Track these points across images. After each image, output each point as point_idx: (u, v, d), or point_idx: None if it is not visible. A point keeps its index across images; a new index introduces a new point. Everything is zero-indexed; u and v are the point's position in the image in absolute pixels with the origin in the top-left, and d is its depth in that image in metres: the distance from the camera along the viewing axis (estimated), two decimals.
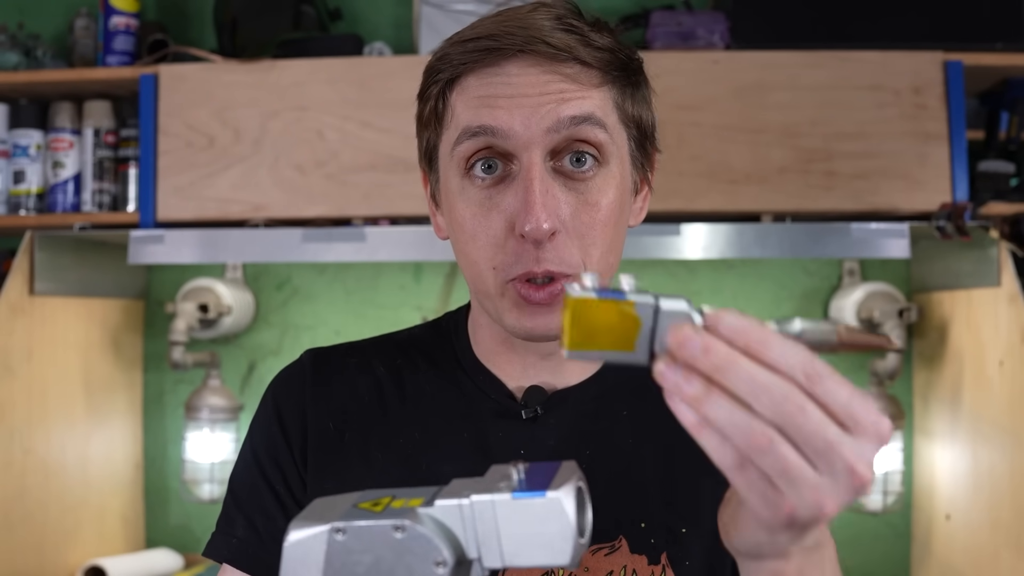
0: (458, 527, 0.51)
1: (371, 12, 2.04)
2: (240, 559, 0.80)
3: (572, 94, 0.72)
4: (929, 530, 1.84)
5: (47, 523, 1.72)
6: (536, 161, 0.71)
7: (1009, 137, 1.78)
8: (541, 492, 0.50)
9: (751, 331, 0.48)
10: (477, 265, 0.74)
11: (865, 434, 0.47)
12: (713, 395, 0.47)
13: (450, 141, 0.75)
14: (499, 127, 0.71)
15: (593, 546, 0.77)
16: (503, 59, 0.72)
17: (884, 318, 1.79)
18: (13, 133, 1.84)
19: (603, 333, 0.51)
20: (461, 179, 0.74)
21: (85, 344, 1.87)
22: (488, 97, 0.72)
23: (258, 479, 0.81)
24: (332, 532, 0.50)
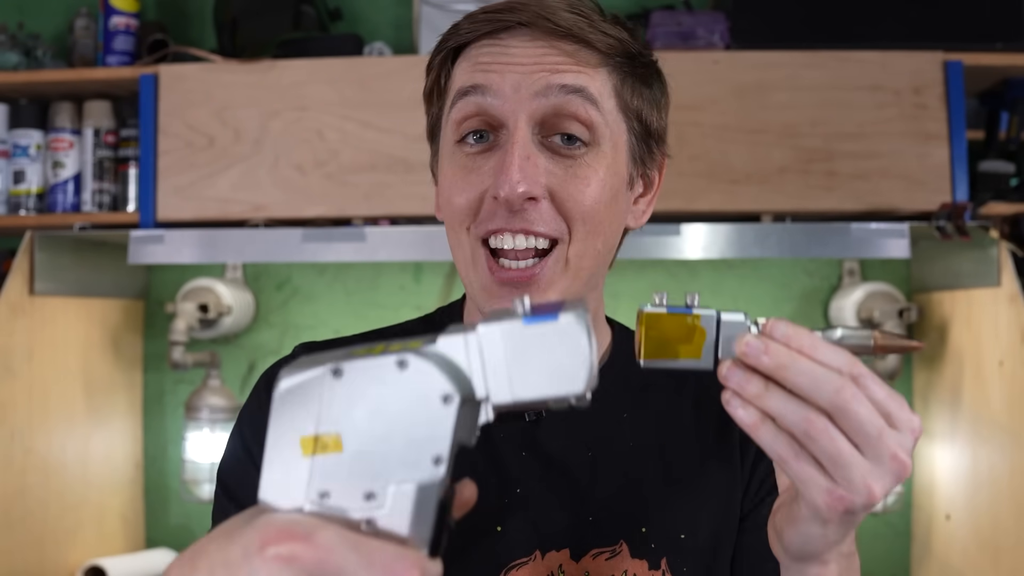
0: (464, 362, 0.48)
1: (371, 12, 2.04)
2: None
3: (567, 67, 0.72)
4: (929, 530, 1.84)
5: (47, 523, 1.72)
6: (521, 127, 0.71)
7: (1009, 137, 1.78)
8: (553, 316, 0.48)
9: (802, 336, 0.54)
10: (455, 230, 0.75)
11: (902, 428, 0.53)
12: (772, 389, 0.53)
13: (448, 107, 0.76)
14: (489, 86, 0.71)
15: (594, 550, 0.77)
16: (505, 31, 0.73)
17: (884, 318, 1.79)
18: (13, 133, 1.84)
19: (673, 344, 0.58)
20: (453, 145, 0.75)
21: (85, 344, 1.87)
22: (484, 63, 0.73)
23: (250, 468, 0.78)
24: (329, 373, 0.46)
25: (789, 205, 1.63)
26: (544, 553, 0.76)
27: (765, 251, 1.62)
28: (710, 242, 1.62)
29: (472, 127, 0.73)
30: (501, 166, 0.70)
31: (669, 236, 1.61)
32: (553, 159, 0.72)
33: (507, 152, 0.70)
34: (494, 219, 0.71)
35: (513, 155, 0.70)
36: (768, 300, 1.98)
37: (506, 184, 0.69)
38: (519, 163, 0.69)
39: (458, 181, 0.74)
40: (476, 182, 0.73)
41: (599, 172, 0.73)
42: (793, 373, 0.52)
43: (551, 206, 0.71)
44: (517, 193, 0.69)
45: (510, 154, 0.70)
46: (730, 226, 1.62)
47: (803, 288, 1.98)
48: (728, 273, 1.99)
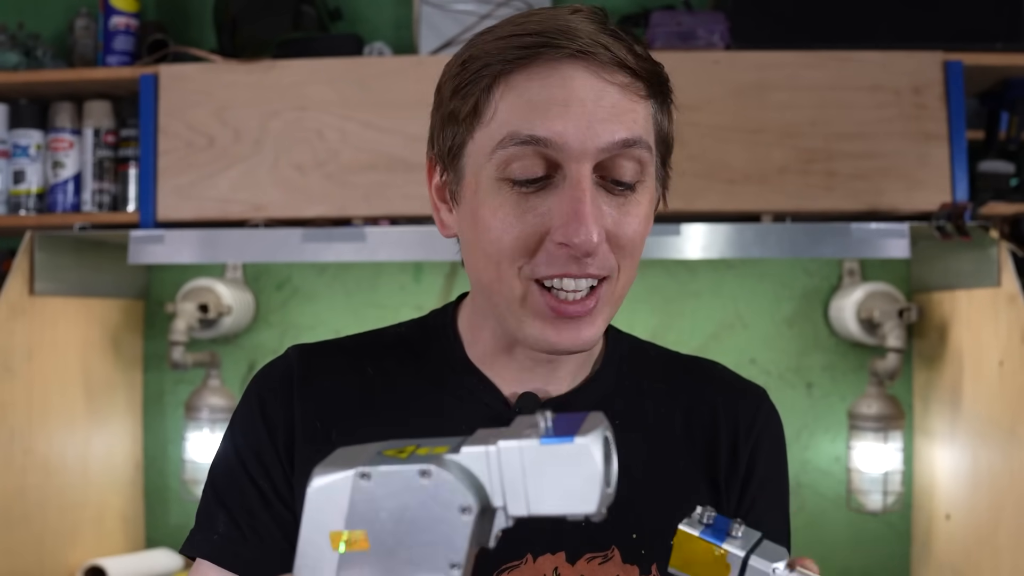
0: (484, 474, 0.50)
1: (371, 12, 2.04)
2: (221, 556, 0.78)
3: (624, 109, 0.70)
4: (929, 530, 1.84)
5: (47, 523, 1.72)
6: (586, 173, 0.69)
7: (1009, 137, 1.78)
8: (569, 438, 0.49)
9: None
10: (499, 266, 0.71)
11: None
12: None
13: (490, 142, 0.71)
14: (552, 139, 0.68)
15: (587, 555, 0.77)
16: (557, 61, 0.69)
17: (884, 318, 1.79)
18: (13, 133, 1.84)
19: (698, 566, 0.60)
20: (497, 180, 0.71)
21: (85, 344, 1.87)
22: (541, 102, 0.69)
23: (240, 475, 0.79)
24: (358, 477, 0.49)
25: (789, 205, 1.63)
26: (536, 557, 0.76)
27: (765, 251, 1.62)
28: (710, 242, 1.62)
29: (527, 169, 0.70)
30: (573, 213, 0.68)
31: (669, 236, 1.61)
32: (608, 199, 0.71)
33: (578, 199, 0.68)
34: (556, 263, 0.70)
35: (585, 203, 0.68)
36: (768, 300, 1.98)
37: (582, 233, 0.67)
38: (592, 211, 0.68)
39: (511, 220, 0.70)
40: (532, 223, 0.70)
41: (644, 206, 0.74)
42: None
43: (606, 247, 0.71)
44: (593, 244, 0.68)
45: (582, 202, 0.68)
46: (730, 226, 1.62)
47: (803, 288, 1.98)
48: (728, 273, 1.99)
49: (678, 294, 1.99)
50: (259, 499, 0.78)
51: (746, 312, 1.99)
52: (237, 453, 0.80)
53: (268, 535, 0.77)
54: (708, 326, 1.98)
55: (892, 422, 1.79)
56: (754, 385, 0.88)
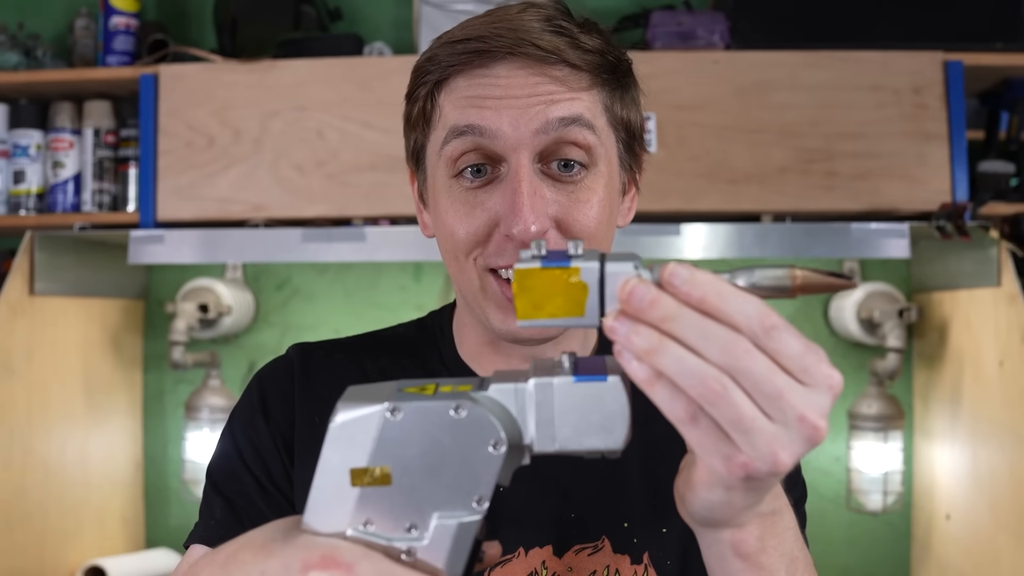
0: (515, 410, 0.50)
1: (371, 12, 2.04)
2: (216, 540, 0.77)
3: (561, 96, 0.72)
4: (929, 530, 1.84)
5: (47, 523, 1.72)
6: (524, 163, 0.71)
7: (1009, 137, 1.78)
8: (603, 376, 0.50)
9: (706, 284, 0.48)
10: (458, 260, 0.75)
11: (817, 385, 0.47)
12: (665, 344, 0.47)
13: (438, 141, 0.75)
14: (487, 127, 0.71)
15: (576, 546, 0.77)
16: (492, 61, 0.72)
17: (884, 318, 1.79)
18: (13, 133, 1.84)
19: (551, 300, 0.51)
20: (448, 179, 0.74)
21: (85, 344, 1.87)
22: (476, 98, 0.72)
23: (238, 466, 0.80)
24: (387, 412, 0.49)
25: (789, 205, 1.63)
26: (528, 550, 0.77)
27: (765, 251, 1.62)
28: (710, 242, 1.62)
29: (470, 162, 0.73)
30: (511, 205, 0.70)
31: (669, 236, 1.61)
32: (555, 187, 0.73)
33: (515, 190, 0.70)
34: (504, 254, 0.72)
35: (522, 193, 0.70)
36: (768, 300, 1.98)
37: (519, 223, 0.69)
38: (529, 201, 0.69)
39: (461, 216, 0.73)
40: (480, 216, 0.73)
41: (599, 192, 0.74)
42: (682, 327, 0.47)
43: (557, 234, 0.72)
44: (531, 233, 0.69)
45: (519, 192, 0.70)
46: (730, 226, 1.62)
47: None
48: None
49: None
50: (256, 488, 0.79)
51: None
52: (235, 445, 0.81)
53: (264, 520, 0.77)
54: None
55: (892, 422, 1.79)
56: None
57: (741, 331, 0.47)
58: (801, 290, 0.51)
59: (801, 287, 0.51)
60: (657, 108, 1.64)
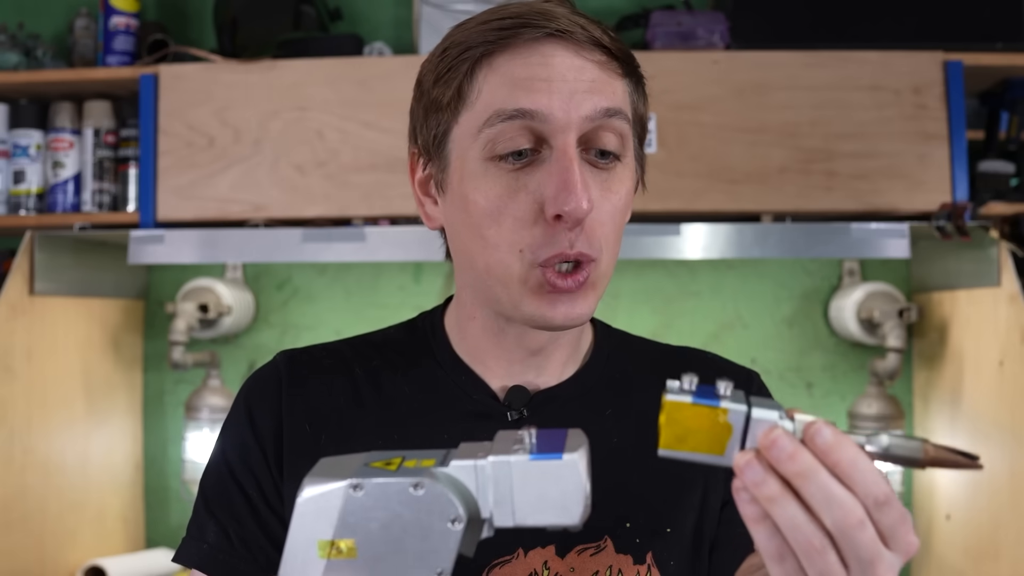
0: (473, 486, 0.52)
1: (371, 12, 2.04)
2: (210, 565, 0.78)
3: (604, 84, 0.72)
4: (929, 530, 1.84)
5: (47, 523, 1.72)
6: (571, 143, 0.70)
7: (1009, 137, 1.78)
8: (558, 455, 0.52)
9: (843, 448, 0.50)
10: (499, 249, 0.72)
11: (899, 550, 0.51)
12: (785, 497, 0.50)
13: (474, 123, 0.72)
14: (538, 110, 0.70)
15: (578, 546, 0.77)
16: (536, 41, 0.71)
17: (884, 318, 1.79)
18: (13, 133, 1.84)
19: (695, 436, 0.52)
20: (484, 161, 0.72)
21: (85, 344, 1.87)
22: (526, 79, 0.70)
23: (229, 483, 0.80)
24: (349, 488, 0.51)
25: (789, 205, 1.63)
26: (527, 551, 0.76)
27: (765, 251, 1.62)
28: (710, 242, 1.62)
29: (516, 146, 0.71)
30: (562, 183, 0.69)
31: (669, 236, 1.61)
32: (592, 174, 0.72)
33: (567, 168, 0.69)
34: (553, 243, 0.70)
35: (574, 171, 0.69)
36: (768, 300, 1.99)
37: (572, 200, 0.68)
38: (581, 179, 0.69)
39: (505, 200, 0.71)
40: (525, 200, 0.71)
41: (626, 184, 0.74)
42: (811, 487, 0.50)
43: (594, 224, 0.72)
44: (583, 210, 0.68)
45: (571, 172, 0.69)
46: (730, 226, 1.62)
47: (803, 288, 1.99)
48: (728, 273, 1.99)
49: (678, 294, 1.99)
50: (247, 507, 0.79)
51: (746, 312, 1.99)
52: (226, 461, 0.80)
53: (255, 544, 0.78)
54: (708, 326, 1.98)
55: (892, 422, 1.79)
56: (744, 369, 0.89)
57: (859, 499, 0.50)
58: (931, 464, 0.53)
59: (931, 462, 0.53)
60: (657, 108, 1.64)
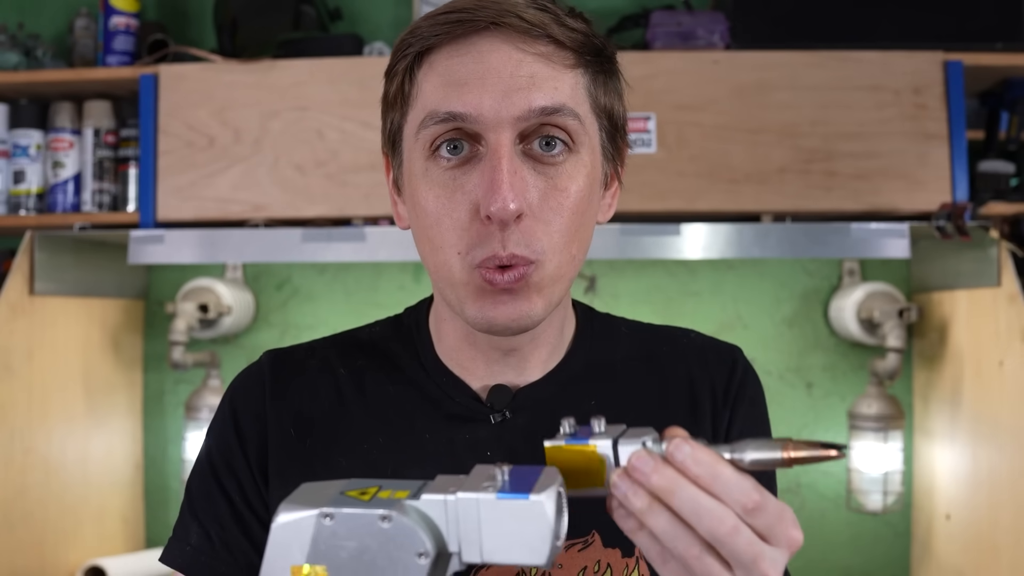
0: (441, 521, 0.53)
1: (371, 12, 2.04)
2: (193, 567, 0.79)
3: (544, 78, 0.69)
4: (929, 530, 1.84)
5: (47, 523, 1.72)
6: (504, 142, 0.68)
7: (1009, 137, 1.78)
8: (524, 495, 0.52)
9: (702, 463, 0.54)
10: (442, 251, 0.71)
11: (780, 545, 0.54)
12: (655, 509, 0.54)
13: (415, 122, 0.72)
14: (468, 113, 0.68)
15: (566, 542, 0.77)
16: (473, 33, 0.69)
17: (884, 318, 1.79)
18: (13, 133, 1.84)
19: (576, 474, 0.57)
20: (425, 161, 0.71)
21: (85, 344, 1.87)
22: (457, 79, 0.69)
23: (212, 486, 0.80)
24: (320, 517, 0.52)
25: (789, 205, 1.63)
26: None
27: (765, 251, 1.62)
28: (710, 242, 1.62)
29: (446, 138, 0.70)
30: (489, 183, 0.67)
31: (669, 236, 1.61)
32: (535, 168, 0.70)
33: (495, 169, 0.67)
34: (486, 243, 0.69)
35: (501, 171, 0.67)
36: (768, 300, 1.98)
37: (498, 200, 0.66)
38: (508, 180, 0.67)
39: (443, 201, 0.70)
40: (461, 200, 0.69)
41: (578, 180, 0.71)
42: (678, 500, 0.53)
43: (534, 223, 0.69)
44: (509, 211, 0.66)
45: (498, 171, 0.67)
46: (730, 226, 1.62)
47: (803, 288, 1.99)
48: (728, 273, 1.99)
49: (678, 294, 1.99)
50: (229, 511, 0.79)
51: (746, 312, 1.99)
52: (210, 463, 0.81)
53: (237, 548, 0.79)
54: (708, 326, 1.98)
55: (892, 422, 1.79)
56: (727, 345, 0.88)
57: (729, 507, 0.53)
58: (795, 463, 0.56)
59: (793, 461, 0.55)
60: (657, 108, 1.64)
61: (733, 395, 0.84)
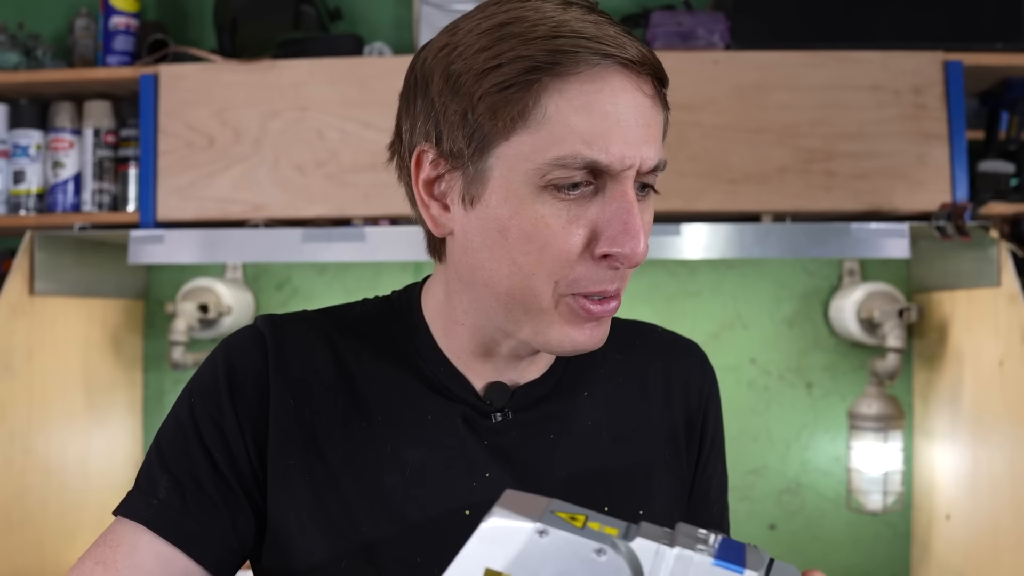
0: (647, 567, 0.53)
1: (371, 12, 2.04)
2: (158, 523, 0.72)
3: (655, 125, 0.71)
4: (929, 530, 1.84)
5: (47, 523, 1.72)
6: (632, 187, 0.70)
7: (1009, 137, 1.78)
8: (740, 568, 0.53)
9: None
10: (533, 277, 0.70)
11: None
12: None
13: (538, 150, 0.68)
14: (609, 164, 0.68)
15: None
16: (603, 70, 0.68)
17: (884, 318, 1.79)
18: (13, 133, 1.84)
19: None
20: (538, 188, 0.68)
21: (85, 344, 1.87)
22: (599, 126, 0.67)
23: (193, 444, 0.75)
24: (536, 532, 0.52)
25: (789, 205, 1.63)
26: None
27: (765, 251, 1.62)
28: (710, 242, 1.62)
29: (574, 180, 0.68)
30: (624, 226, 0.68)
31: (669, 236, 1.61)
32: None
33: (629, 212, 0.68)
34: (596, 279, 0.70)
35: (636, 215, 0.68)
36: (768, 300, 1.98)
37: (635, 245, 0.68)
38: (641, 224, 0.69)
39: (557, 231, 0.69)
40: (579, 234, 0.69)
41: (652, 212, 0.75)
42: None
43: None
44: (641, 255, 0.69)
45: (632, 215, 0.68)
46: (730, 226, 1.62)
47: (803, 288, 1.98)
48: (728, 273, 1.99)
49: (678, 294, 1.99)
50: (210, 469, 0.74)
51: (746, 312, 1.99)
52: (193, 418, 0.76)
53: (213, 509, 0.74)
54: (708, 326, 1.98)
55: (892, 422, 1.79)
56: (691, 343, 0.91)
57: None
58: None
59: None
60: None
61: (706, 393, 0.88)
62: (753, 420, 1.98)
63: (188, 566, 0.72)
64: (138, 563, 0.72)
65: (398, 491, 0.74)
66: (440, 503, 0.75)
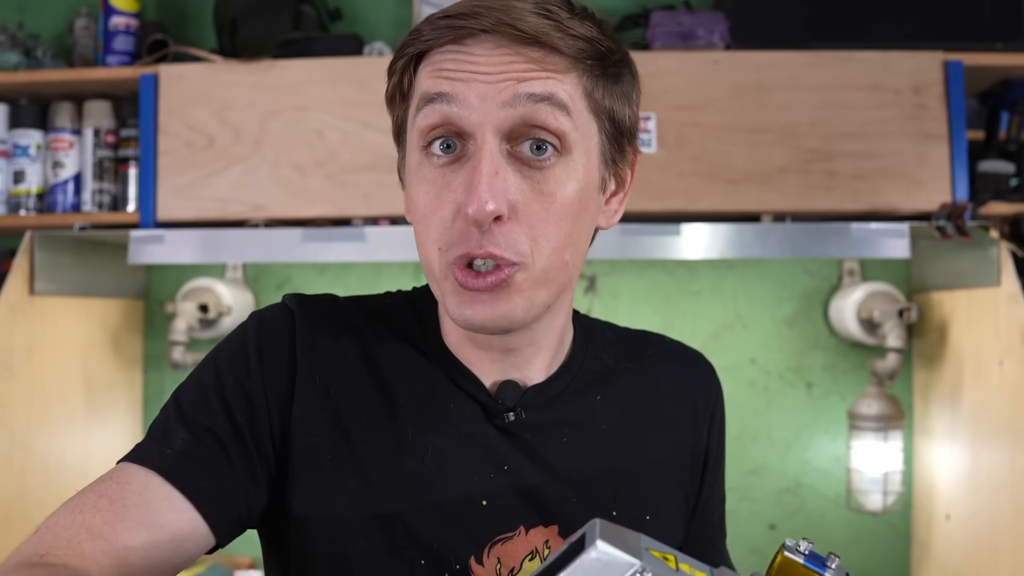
0: None
1: (371, 12, 2.04)
2: (172, 471, 0.69)
3: (534, 74, 0.69)
4: (929, 530, 1.84)
5: None
6: (488, 140, 0.68)
7: (1009, 137, 1.78)
8: None
9: None
10: (425, 246, 0.72)
11: None
12: None
13: (412, 111, 0.74)
14: (454, 94, 0.69)
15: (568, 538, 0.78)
16: (469, 37, 0.70)
17: (884, 318, 1.79)
18: (13, 133, 1.84)
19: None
20: (420, 154, 0.72)
21: (85, 344, 1.87)
22: (449, 70, 0.70)
23: (217, 405, 0.73)
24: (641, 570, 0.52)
25: (789, 205, 1.63)
26: (528, 529, 0.77)
27: (765, 251, 1.62)
28: (710, 242, 1.62)
29: (438, 135, 0.70)
30: (469, 183, 0.68)
31: (669, 236, 1.61)
32: (522, 172, 0.70)
33: (475, 168, 0.68)
34: (466, 241, 0.69)
35: (481, 171, 0.67)
36: (768, 300, 1.98)
37: (475, 202, 0.66)
38: (487, 179, 0.67)
39: (431, 199, 0.71)
40: (448, 199, 0.70)
41: (568, 186, 0.71)
42: None
43: (517, 226, 0.69)
44: (486, 212, 0.67)
45: (478, 170, 0.67)
46: (730, 226, 1.62)
47: (803, 288, 1.99)
48: (728, 273, 1.99)
49: (678, 294, 1.99)
50: (231, 431, 0.72)
51: (746, 312, 1.99)
52: (219, 379, 0.74)
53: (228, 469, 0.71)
54: (708, 326, 1.98)
55: (892, 422, 1.79)
56: (700, 354, 0.92)
57: None
58: None
59: None
60: (657, 108, 1.64)
61: (712, 405, 0.89)
62: (753, 420, 1.98)
63: (195, 520, 0.69)
64: (148, 502, 0.68)
65: (419, 474, 0.75)
66: (458, 489, 0.75)
